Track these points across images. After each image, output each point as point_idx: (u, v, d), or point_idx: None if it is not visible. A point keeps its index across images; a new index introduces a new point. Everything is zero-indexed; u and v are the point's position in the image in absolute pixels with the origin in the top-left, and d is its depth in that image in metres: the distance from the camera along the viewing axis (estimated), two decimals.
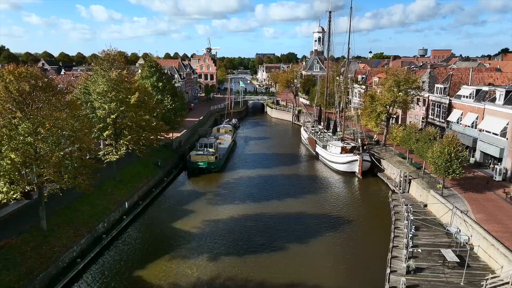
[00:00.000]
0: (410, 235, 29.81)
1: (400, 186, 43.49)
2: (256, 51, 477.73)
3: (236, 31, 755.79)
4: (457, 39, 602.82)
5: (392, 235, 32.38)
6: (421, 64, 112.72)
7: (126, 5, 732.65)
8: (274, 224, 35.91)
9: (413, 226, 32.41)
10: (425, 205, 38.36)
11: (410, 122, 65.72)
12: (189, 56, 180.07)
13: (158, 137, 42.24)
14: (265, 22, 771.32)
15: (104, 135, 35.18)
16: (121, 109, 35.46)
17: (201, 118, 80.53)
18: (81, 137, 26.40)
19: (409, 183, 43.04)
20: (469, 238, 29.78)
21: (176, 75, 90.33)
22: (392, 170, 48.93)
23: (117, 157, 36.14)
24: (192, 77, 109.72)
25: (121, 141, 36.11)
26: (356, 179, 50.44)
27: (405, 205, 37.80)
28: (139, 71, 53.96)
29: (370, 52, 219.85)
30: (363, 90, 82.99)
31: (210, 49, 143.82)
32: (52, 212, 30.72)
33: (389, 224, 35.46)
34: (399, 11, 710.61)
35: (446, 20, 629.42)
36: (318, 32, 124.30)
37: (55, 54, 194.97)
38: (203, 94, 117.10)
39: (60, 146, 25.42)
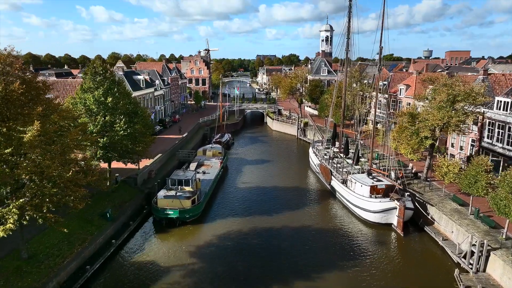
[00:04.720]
0: None
1: (471, 259, 28.15)
2: (257, 52, 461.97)
3: (238, 32, 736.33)
4: (461, 40, 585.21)
5: None
6: (447, 67, 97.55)
7: (127, 6, 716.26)
8: None
9: None
10: None
11: (452, 144, 50.45)
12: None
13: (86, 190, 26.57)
14: (268, 23, 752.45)
15: None
16: (7, 151, 20.19)
17: (185, 134, 64.89)
18: None
19: (487, 255, 27.67)
20: None
21: (157, 81, 74.80)
22: (447, 225, 33.52)
23: (1, 234, 20.79)
24: (179, 82, 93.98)
25: (10, 207, 20.78)
26: (394, 236, 34.93)
27: None
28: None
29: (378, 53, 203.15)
30: (385, 100, 67.74)
31: (209, 50, 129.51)
32: None
33: None
34: (404, 12, 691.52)
35: (452, 20, 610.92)
36: (326, 30, 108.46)
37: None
38: (193, 102, 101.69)
39: None
